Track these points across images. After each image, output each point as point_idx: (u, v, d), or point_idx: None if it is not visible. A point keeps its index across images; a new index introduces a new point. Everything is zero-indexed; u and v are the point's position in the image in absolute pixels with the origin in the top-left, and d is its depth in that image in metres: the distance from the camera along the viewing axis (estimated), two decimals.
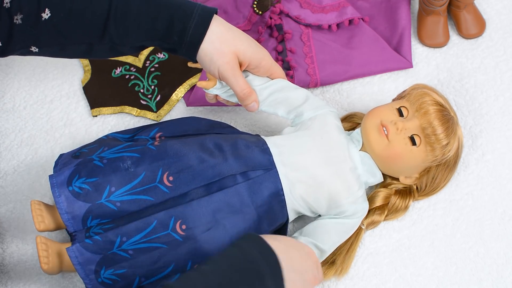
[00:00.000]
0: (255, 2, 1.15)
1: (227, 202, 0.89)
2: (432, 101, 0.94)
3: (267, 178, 0.91)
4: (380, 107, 0.98)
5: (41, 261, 0.88)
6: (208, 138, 0.94)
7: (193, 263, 0.88)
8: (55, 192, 0.89)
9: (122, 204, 0.89)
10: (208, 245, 0.88)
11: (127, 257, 0.87)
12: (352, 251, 0.97)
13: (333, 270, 0.96)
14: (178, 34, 0.90)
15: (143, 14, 0.90)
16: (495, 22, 1.18)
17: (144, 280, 0.88)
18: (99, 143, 0.97)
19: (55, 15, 0.88)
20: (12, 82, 1.16)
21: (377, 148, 0.94)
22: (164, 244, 0.87)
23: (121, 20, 0.90)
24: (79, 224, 0.89)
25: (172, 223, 0.87)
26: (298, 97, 0.98)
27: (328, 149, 0.94)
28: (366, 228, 1.00)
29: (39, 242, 0.89)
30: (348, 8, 1.15)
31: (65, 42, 0.91)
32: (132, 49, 0.94)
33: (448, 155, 0.95)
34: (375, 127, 0.95)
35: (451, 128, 0.94)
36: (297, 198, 0.93)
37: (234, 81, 0.93)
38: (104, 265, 0.87)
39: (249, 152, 0.92)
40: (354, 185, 0.94)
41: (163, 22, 0.90)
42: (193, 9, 0.90)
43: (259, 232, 0.90)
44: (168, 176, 0.89)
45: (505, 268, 0.98)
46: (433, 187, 1.00)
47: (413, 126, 0.94)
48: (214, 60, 0.91)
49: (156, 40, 0.92)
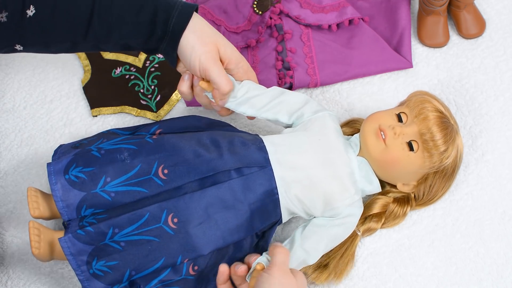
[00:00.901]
0: (255, 2, 1.15)
1: (220, 197, 0.90)
2: (432, 108, 0.94)
3: (261, 176, 0.91)
4: (379, 112, 0.98)
5: (32, 246, 0.89)
6: (205, 134, 0.95)
7: (184, 257, 0.89)
8: (52, 179, 0.90)
9: (116, 195, 0.89)
10: (199, 240, 0.89)
11: (119, 249, 0.88)
12: (347, 257, 0.97)
13: (326, 274, 0.96)
14: (161, 26, 0.91)
15: (127, 7, 0.90)
16: (495, 22, 1.18)
17: (135, 273, 0.89)
18: (99, 135, 0.99)
19: (40, 11, 0.89)
20: (12, 82, 1.16)
21: (374, 152, 0.94)
22: (156, 237, 0.88)
23: (105, 15, 0.90)
24: (73, 213, 0.90)
25: (164, 216, 0.88)
26: (298, 100, 0.99)
27: (325, 151, 0.94)
28: (362, 235, 0.99)
29: (31, 226, 0.90)
30: (348, 8, 1.15)
31: (49, 40, 0.91)
32: (116, 46, 0.94)
33: (446, 162, 0.94)
34: (373, 131, 0.95)
35: (450, 134, 0.93)
36: (292, 198, 0.93)
37: (217, 71, 0.92)
38: (96, 256, 0.88)
39: (245, 149, 0.92)
40: (351, 188, 0.93)
41: (147, 14, 0.90)
42: (176, 2, 0.92)
43: (251, 229, 0.91)
44: (163, 169, 0.90)
45: (505, 268, 0.98)
46: (430, 196, 0.99)
47: (412, 131, 0.94)
48: (195, 48, 0.91)
49: (139, 37, 0.92)
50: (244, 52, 1.15)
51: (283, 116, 0.98)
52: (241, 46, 1.14)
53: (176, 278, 0.89)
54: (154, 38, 0.92)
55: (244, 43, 1.14)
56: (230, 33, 1.15)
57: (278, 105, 0.98)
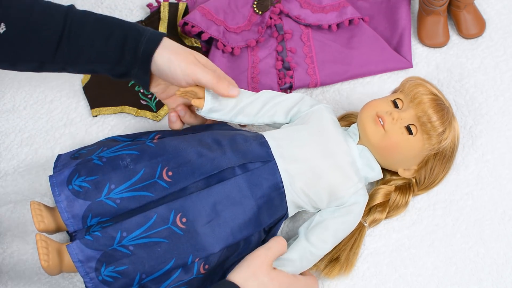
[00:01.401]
0: (255, 2, 1.15)
1: (226, 194, 0.90)
2: (426, 91, 0.95)
3: (266, 170, 0.92)
4: (375, 100, 0.99)
5: (41, 258, 0.87)
6: (206, 133, 0.95)
7: (194, 256, 0.88)
8: (55, 191, 0.89)
9: (122, 201, 0.89)
10: (209, 238, 0.88)
11: (128, 253, 0.87)
12: (357, 248, 0.98)
13: (338, 268, 0.96)
14: (130, 52, 0.91)
15: (97, 33, 0.91)
16: (495, 22, 1.18)
17: (145, 276, 0.87)
18: (98, 144, 0.98)
19: (10, 30, 0.90)
20: (12, 82, 1.16)
21: (374, 139, 0.95)
22: (165, 239, 0.87)
23: (75, 39, 0.91)
24: (79, 223, 0.89)
25: (172, 216, 0.87)
26: (293, 99, 1.00)
27: (326, 142, 0.94)
28: (369, 226, 1.00)
29: (38, 239, 0.88)
30: (348, 8, 1.15)
31: (17, 59, 0.93)
32: (83, 70, 0.95)
33: (444, 144, 0.95)
34: (371, 119, 0.95)
35: (446, 116, 0.94)
36: (297, 191, 0.93)
37: (201, 71, 0.92)
38: (104, 262, 0.86)
39: (247, 145, 0.93)
40: (353, 177, 0.94)
41: (116, 41, 0.91)
42: (145, 29, 0.93)
43: (259, 224, 0.91)
44: (167, 171, 0.90)
45: (505, 268, 0.98)
46: (432, 179, 1.00)
47: (409, 116, 0.95)
48: (172, 59, 0.91)
49: (107, 63, 0.93)
50: (244, 52, 1.15)
51: (279, 117, 0.99)
52: (241, 46, 1.14)
53: (187, 278, 0.88)
54: (123, 64, 0.93)
55: (244, 43, 1.14)
56: (230, 33, 1.14)
57: (273, 107, 0.99)
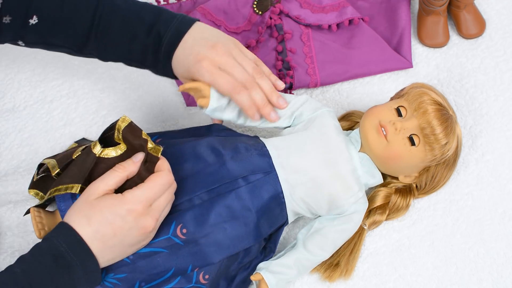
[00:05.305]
0: (255, 2, 1.15)
1: (228, 206, 0.89)
2: (430, 100, 0.94)
3: (267, 181, 0.91)
4: (378, 106, 0.98)
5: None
6: (204, 142, 0.93)
7: (194, 266, 0.88)
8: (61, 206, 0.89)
9: None
10: (209, 249, 0.88)
11: (127, 262, 0.86)
12: (356, 252, 0.98)
13: (338, 272, 0.96)
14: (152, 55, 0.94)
15: (121, 34, 0.94)
16: (495, 22, 1.18)
17: (144, 284, 0.87)
18: None
19: (42, 22, 0.93)
20: (12, 82, 1.16)
21: (376, 149, 0.94)
22: (165, 249, 0.87)
23: (101, 36, 0.95)
24: None
25: (173, 227, 0.87)
26: (297, 100, 0.98)
27: (327, 151, 0.94)
28: (368, 228, 1.00)
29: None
30: (348, 8, 1.15)
31: (49, 45, 0.97)
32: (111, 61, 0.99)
33: (447, 154, 0.95)
34: (374, 128, 0.95)
35: (450, 127, 0.94)
36: (297, 200, 0.93)
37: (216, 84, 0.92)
38: (104, 269, 0.86)
39: (248, 156, 0.92)
40: (354, 186, 0.94)
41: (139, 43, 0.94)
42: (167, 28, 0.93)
43: (259, 235, 0.91)
44: None
45: (505, 268, 0.98)
46: (433, 185, 1.00)
47: (412, 126, 0.94)
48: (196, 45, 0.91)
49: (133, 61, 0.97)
50: None
51: (284, 121, 0.98)
52: None
53: (186, 286, 0.88)
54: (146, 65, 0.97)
55: (244, 43, 1.14)
56: (230, 33, 1.15)
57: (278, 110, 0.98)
